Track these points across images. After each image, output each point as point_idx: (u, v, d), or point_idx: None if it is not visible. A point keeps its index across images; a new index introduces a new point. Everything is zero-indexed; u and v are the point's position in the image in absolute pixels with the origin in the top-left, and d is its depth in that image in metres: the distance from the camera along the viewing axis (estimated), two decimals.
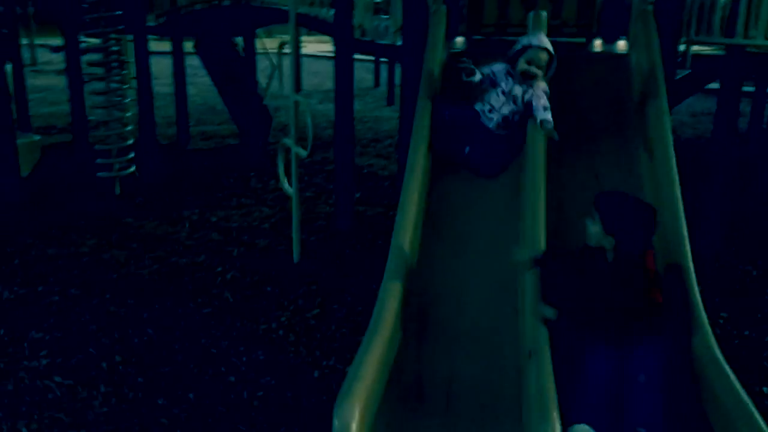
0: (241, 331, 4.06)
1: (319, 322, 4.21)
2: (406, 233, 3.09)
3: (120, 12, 6.38)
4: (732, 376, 2.26)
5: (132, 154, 6.65)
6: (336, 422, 2.20)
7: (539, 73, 3.57)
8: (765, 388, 3.47)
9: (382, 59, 13.00)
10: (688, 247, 2.87)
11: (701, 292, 4.53)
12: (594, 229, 2.57)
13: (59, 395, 3.36)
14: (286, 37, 7.24)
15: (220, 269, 4.96)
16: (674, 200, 3.05)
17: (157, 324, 4.09)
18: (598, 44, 5.31)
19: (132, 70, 6.92)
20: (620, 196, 2.70)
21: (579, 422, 2.31)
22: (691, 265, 2.79)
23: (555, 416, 2.16)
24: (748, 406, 2.14)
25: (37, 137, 7.38)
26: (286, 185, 5.14)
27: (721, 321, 4.16)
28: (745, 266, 4.98)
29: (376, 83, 13.90)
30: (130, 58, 6.96)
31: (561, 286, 2.64)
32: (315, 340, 4.01)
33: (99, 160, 6.46)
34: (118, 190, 6.56)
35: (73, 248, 5.24)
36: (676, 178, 3.17)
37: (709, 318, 4.27)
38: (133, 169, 6.65)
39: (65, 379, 3.49)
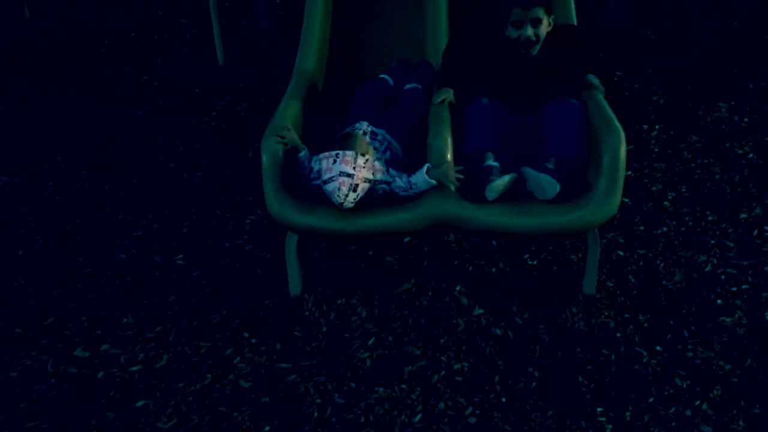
0: (175, 127, 4.28)
1: (249, 114, 4.45)
2: (310, 56, 3.24)
3: None
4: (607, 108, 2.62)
5: None
6: (264, 158, 2.54)
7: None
8: (645, 126, 3.96)
9: None
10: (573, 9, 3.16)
11: (600, 56, 4.88)
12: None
13: (9, 191, 3.61)
14: None
15: (146, 78, 5.05)
16: None
17: (91, 128, 4.27)
18: None
19: None
20: None
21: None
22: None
23: (447, 134, 2.54)
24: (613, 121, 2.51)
25: None
26: None
27: (616, 78, 4.58)
28: (645, 32, 5.34)
29: None
30: None
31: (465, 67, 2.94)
32: (246, 128, 4.28)
33: None
34: (27, 14, 6.34)
35: None
36: None
37: (605, 77, 4.70)
38: None
39: (12, 178, 3.72)
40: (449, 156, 2.50)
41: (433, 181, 2.48)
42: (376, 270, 2.91)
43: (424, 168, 2.49)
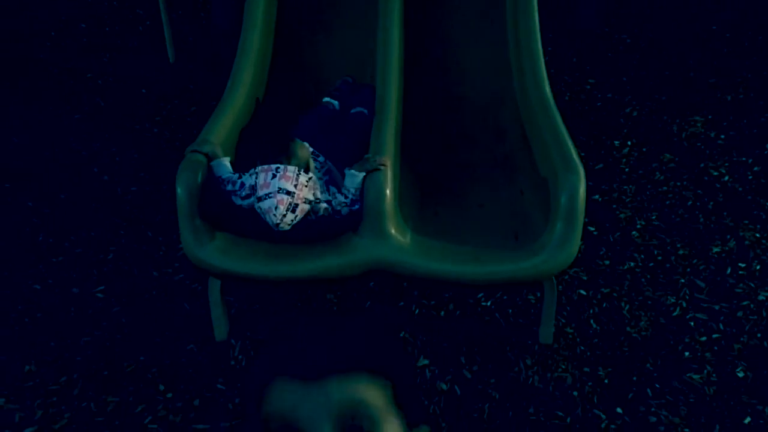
0: (113, 133, 3.95)
1: (197, 119, 4.13)
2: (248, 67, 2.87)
3: None
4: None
5: None
6: (179, 192, 2.25)
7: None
8: (616, 142, 3.70)
9: None
10: None
11: (574, 60, 4.57)
12: None
13: None
14: None
15: (90, 75, 4.70)
16: None
17: (22, 133, 3.93)
18: None
19: None
20: None
21: None
22: None
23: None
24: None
25: None
26: None
27: (588, 87, 4.31)
28: (621, 35, 5.07)
29: None
30: None
31: None
32: (192, 135, 3.94)
33: None
34: None
35: None
36: None
37: (576, 84, 4.42)
38: None
39: None
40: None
41: (362, 172, 2.24)
42: (313, 310, 2.63)
43: (348, 172, 2.27)
